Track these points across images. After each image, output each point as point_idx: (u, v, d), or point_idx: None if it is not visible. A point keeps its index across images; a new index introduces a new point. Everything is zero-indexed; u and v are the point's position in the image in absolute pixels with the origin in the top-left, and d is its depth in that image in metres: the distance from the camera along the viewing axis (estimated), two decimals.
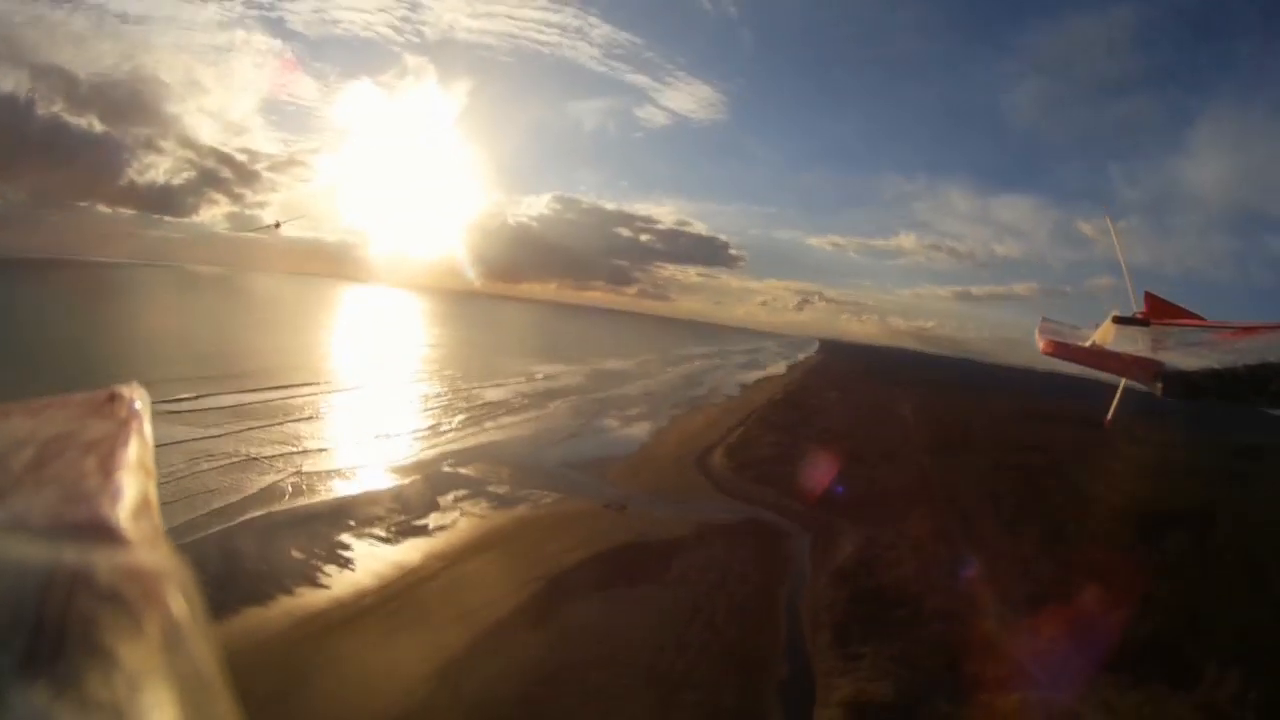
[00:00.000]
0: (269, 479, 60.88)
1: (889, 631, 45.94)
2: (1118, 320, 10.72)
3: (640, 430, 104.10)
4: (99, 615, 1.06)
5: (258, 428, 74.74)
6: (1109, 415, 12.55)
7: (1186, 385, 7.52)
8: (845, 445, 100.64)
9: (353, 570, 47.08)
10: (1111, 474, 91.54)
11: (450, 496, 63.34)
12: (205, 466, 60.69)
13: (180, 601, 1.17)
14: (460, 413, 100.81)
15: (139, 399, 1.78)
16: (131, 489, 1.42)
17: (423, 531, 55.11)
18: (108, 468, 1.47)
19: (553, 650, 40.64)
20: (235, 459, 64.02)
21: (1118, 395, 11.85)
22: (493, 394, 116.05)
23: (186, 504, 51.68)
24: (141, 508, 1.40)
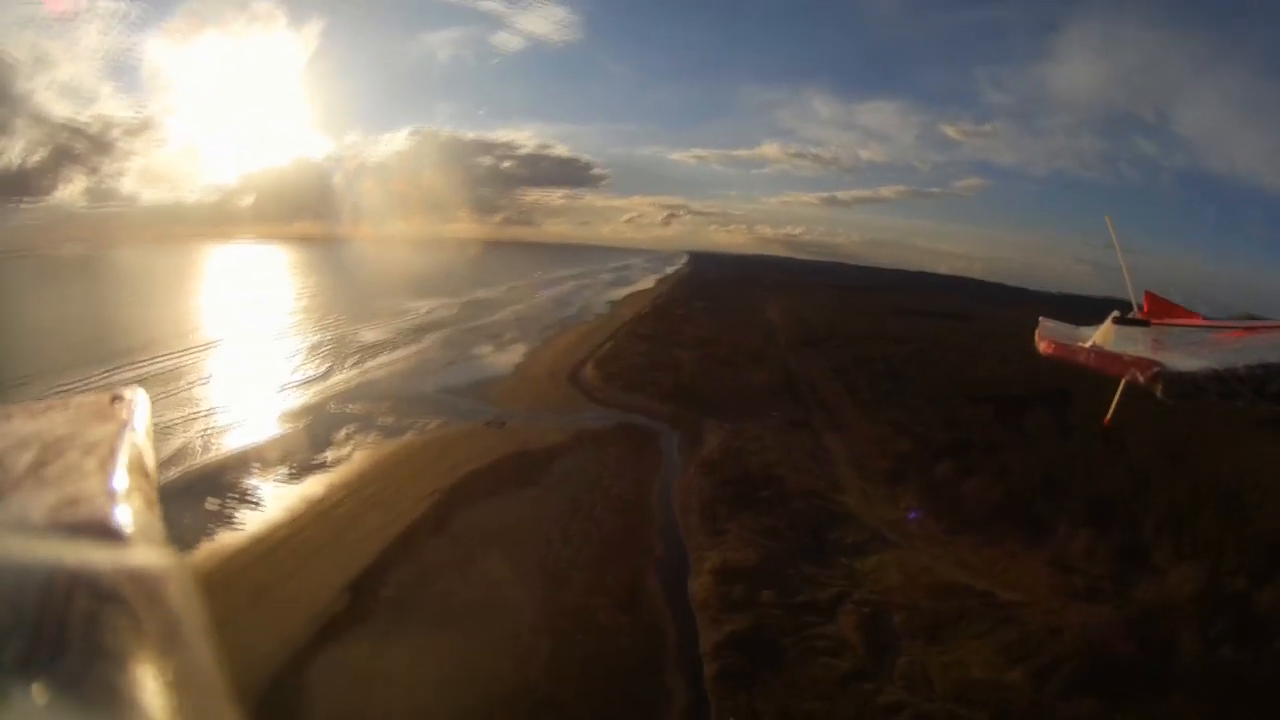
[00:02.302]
0: (175, 442, 62.41)
1: (754, 510, 50.41)
2: (1118, 320, 11.63)
3: (514, 353, 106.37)
4: (99, 615, 1.11)
5: (155, 398, 75.06)
6: (1109, 415, 12.19)
7: (1187, 385, 7.54)
8: (712, 349, 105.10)
9: (264, 510, 49.77)
10: (974, 360, 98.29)
11: (342, 433, 65.59)
12: None
13: (180, 601, 1.28)
14: (341, 355, 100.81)
15: (139, 402, 1.97)
16: (131, 490, 1.54)
17: (322, 467, 57.62)
18: (108, 469, 1.58)
19: (454, 551, 44.53)
20: None
21: (1117, 395, 11.57)
22: (369, 335, 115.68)
23: None
24: (142, 508, 1.50)
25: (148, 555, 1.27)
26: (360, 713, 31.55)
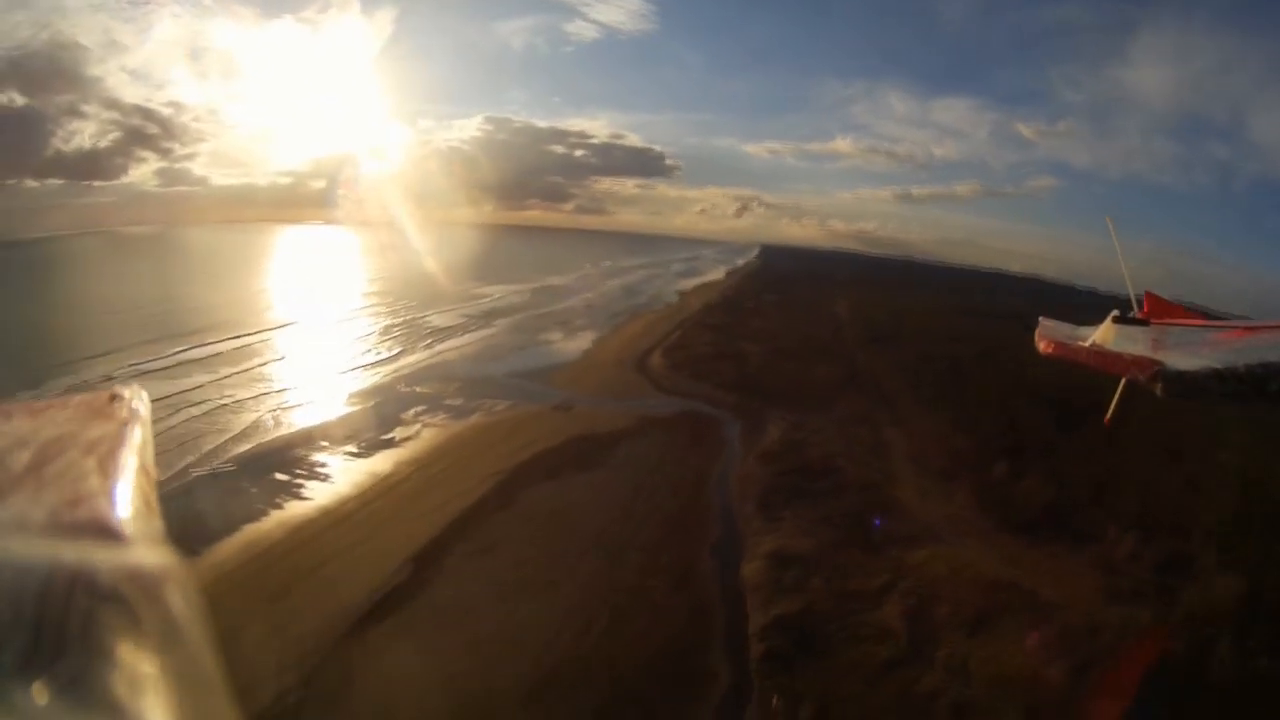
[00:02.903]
0: (248, 418, 65.49)
1: (810, 499, 51.63)
2: (1118, 320, 11.55)
3: (582, 340, 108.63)
4: (99, 615, 1.11)
5: (228, 375, 78.35)
6: (1109, 414, 12.73)
7: (1187, 385, 7.58)
8: (778, 343, 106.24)
9: (333, 483, 52.51)
10: (1037, 364, 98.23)
11: (411, 412, 68.36)
12: (190, 415, 65.40)
13: (180, 601, 1.25)
14: (411, 338, 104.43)
15: (139, 401, 1.95)
16: (132, 489, 1.53)
17: (390, 444, 60.24)
18: (108, 468, 1.58)
19: (516, 527, 46.79)
20: (214, 405, 68.10)
21: (1117, 395, 12.19)
22: (439, 319, 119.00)
23: (180, 451, 56.65)
24: (142, 508, 1.50)
25: (147, 555, 1.32)
26: (418, 675, 33.73)
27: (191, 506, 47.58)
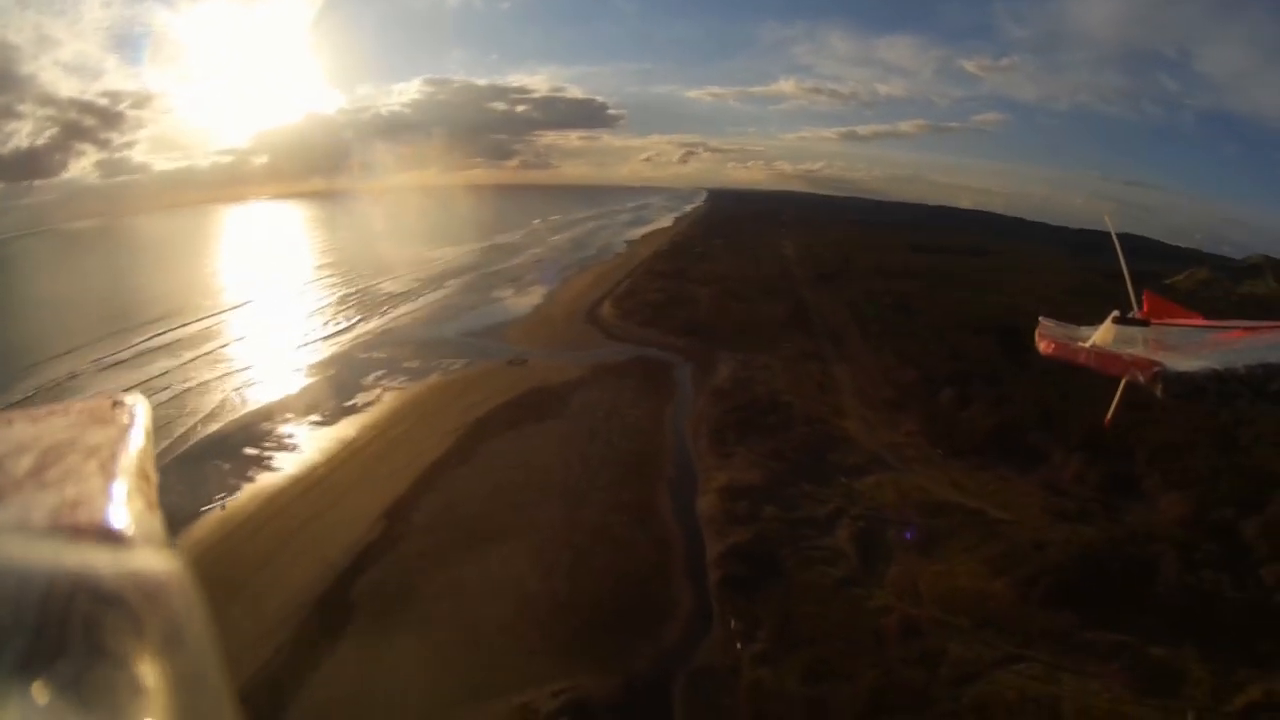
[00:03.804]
0: (214, 399, 65.52)
1: (760, 434, 52.84)
2: (1118, 320, 11.59)
3: (534, 295, 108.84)
4: (101, 618, 1.10)
5: (190, 360, 77.75)
6: (1109, 415, 13.01)
7: (1187, 385, 7.93)
8: (727, 285, 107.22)
9: (302, 453, 53.14)
10: (983, 294, 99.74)
11: (371, 378, 68.74)
12: (158, 400, 65.14)
13: (182, 604, 1.24)
14: (364, 306, 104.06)
15: (140, 407, 1.92)
16: (133, 493, 1.52)
17: (353, 410, 60.77)
18: (109, 472, 1.57)
19: (480, 479, 47.62)
20: (180, 390, 67.98)
21: (1118, 395, 12.21)
22: (391, 285, 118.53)
23: (159, 436, 56.63)
24: (143, 511, 1.48)
25: (149, 558, 1.31)
26: (400, 622, 34.66)
27: (169, 488, 48.03)
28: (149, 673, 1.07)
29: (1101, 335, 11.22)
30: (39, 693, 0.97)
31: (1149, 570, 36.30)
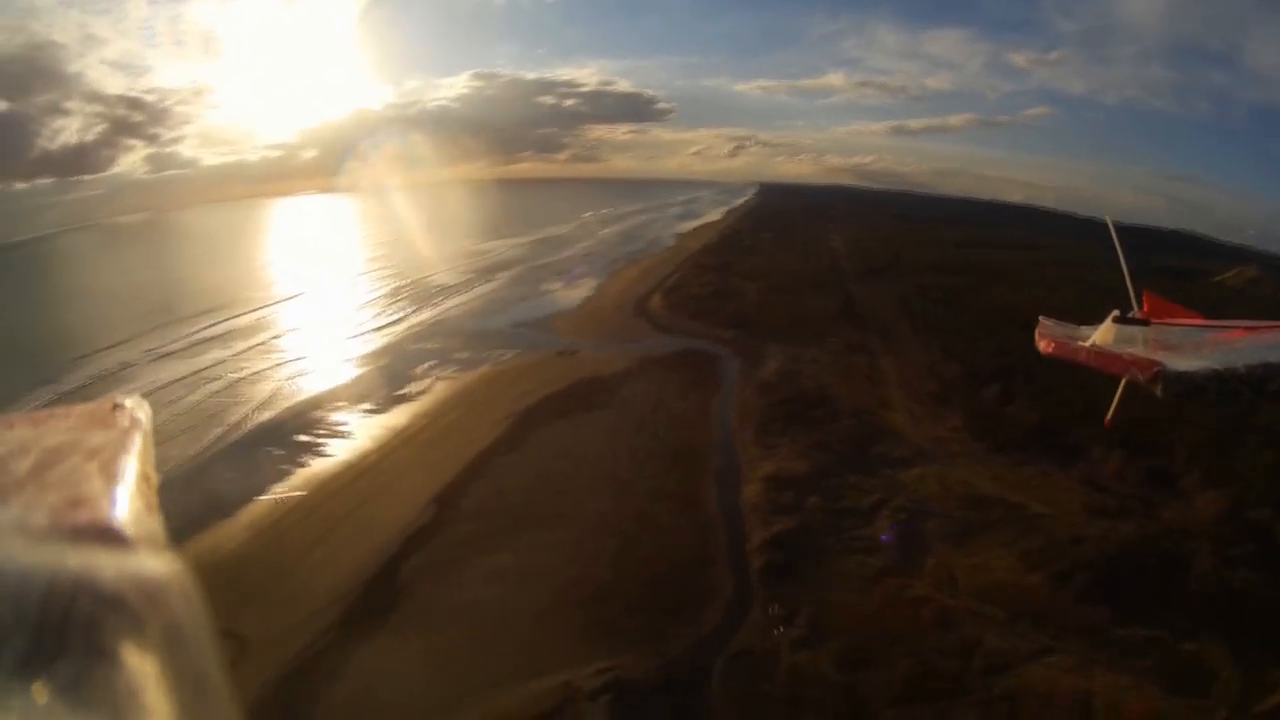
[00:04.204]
0: (267, 388, 67.34)
1: (806, 426, 53.37)
2: (1118, 320, 11.70)
3: (583, 287, 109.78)
4: (101, 619, 1.10)
5: (243, 350, 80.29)
6: (1109, 415, 13.46)
7: (1187, 385, 7.95)
8: (776, 279, 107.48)
9: (353, 440, 54.66)
10: (1029, 290, 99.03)
11: (422, 368, 70.22)
12: (211, 390, 67.32)
13: (182, 604, 1.24)
14: (415, 298, 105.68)
15: (140, 410, 1.93)
16: (134, 494, 1.52)
17: (404, 399, 62.20)
18: (110, 473, 1.57)
19: (528, 466, 48.83)
20: (233, 379, 70.28)
21: (1118, 395, 12.70)
22: (441, 277, 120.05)
23: (207, 424, 58.80)
24: (143, 513, 1.49)
25: (149, 559, 1.30)
26: (447, 604, 35.84)
27: (224, 474, 49.97)
28: (149, 674, 1.10)
29: (1102, 335, 11.52)
30: (39, 693, 0.99)
31: (1184, 567, 36.23)
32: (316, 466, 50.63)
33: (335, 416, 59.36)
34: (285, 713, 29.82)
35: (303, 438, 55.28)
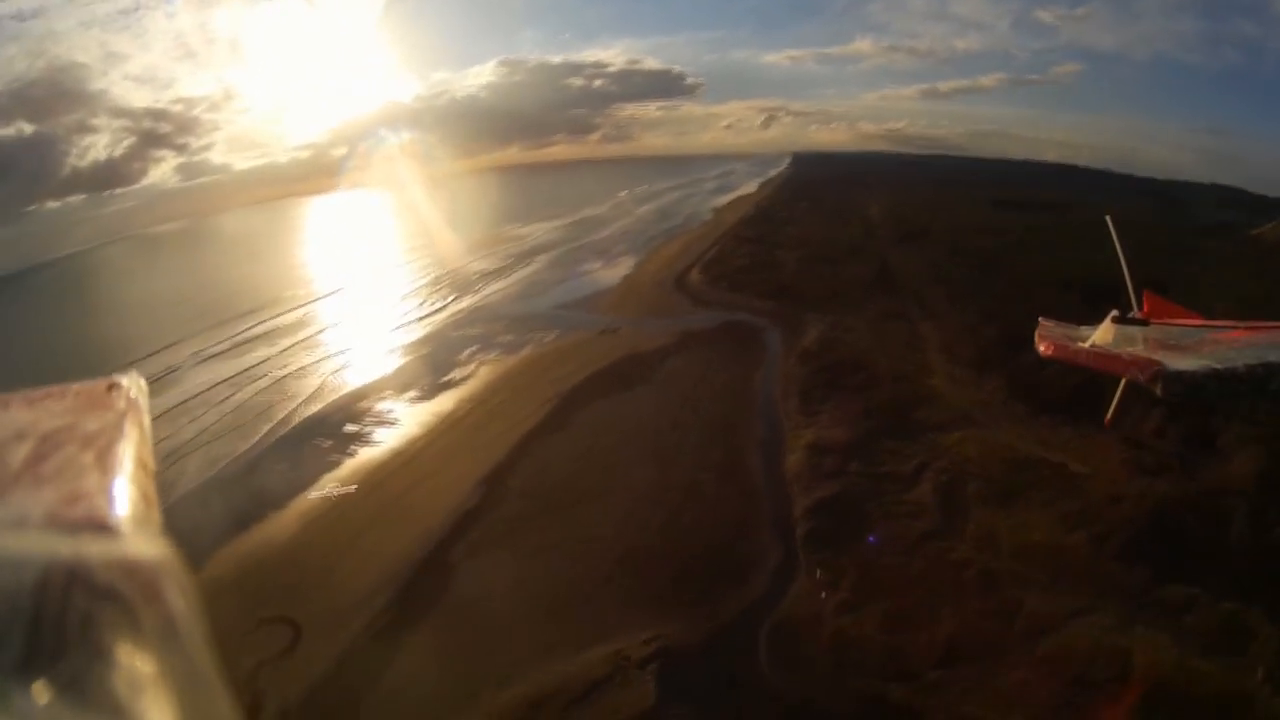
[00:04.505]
0: (314, 382, 69.20)
1: (847, 393, 53.78)
2: (1117, 320, 11.80)
3: (622, 266, 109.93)
4: (96, 612, 1.09)
5: (287, 347, 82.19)
6: (1109, 415, 13.13)
7: (1186, 385, 7.99)
8: (813, 248, 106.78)
9: (400, 427, 56.26)
10: (1067, 250, 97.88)
11: (466, 354, 71.52)
12: (259, 387, 69.19)
13: (178, 598, 1.22)
14: (455, 286, 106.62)
15: (137, 390, 1.92)
16: (130, 484, 1.50)
17: (449, 385, 63.53)
18: (106, 463, 1.55)
19: (573, 444, 50.12)
20: (280, 375, 72.35)
21: (1118, 394, 12.67)
22: (479, 264, 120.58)
23: (256, 420, 61.03)
24: (139, 503, 1.47)
25: (145, 552, 1.28)
26: (498, 581, 37.06)
27: (276, 467, 52.04)
28: (144, 667, 1.09)
29: (1101, 335, 11.66)
30: (36, 690, 0.99)
31: (1222, 526, 36.32)
32: (366, 455, 52.16)
33: (382, 406, 60.70)
34: (345, 693, 31.29)
35: (351, 428, 56.79)
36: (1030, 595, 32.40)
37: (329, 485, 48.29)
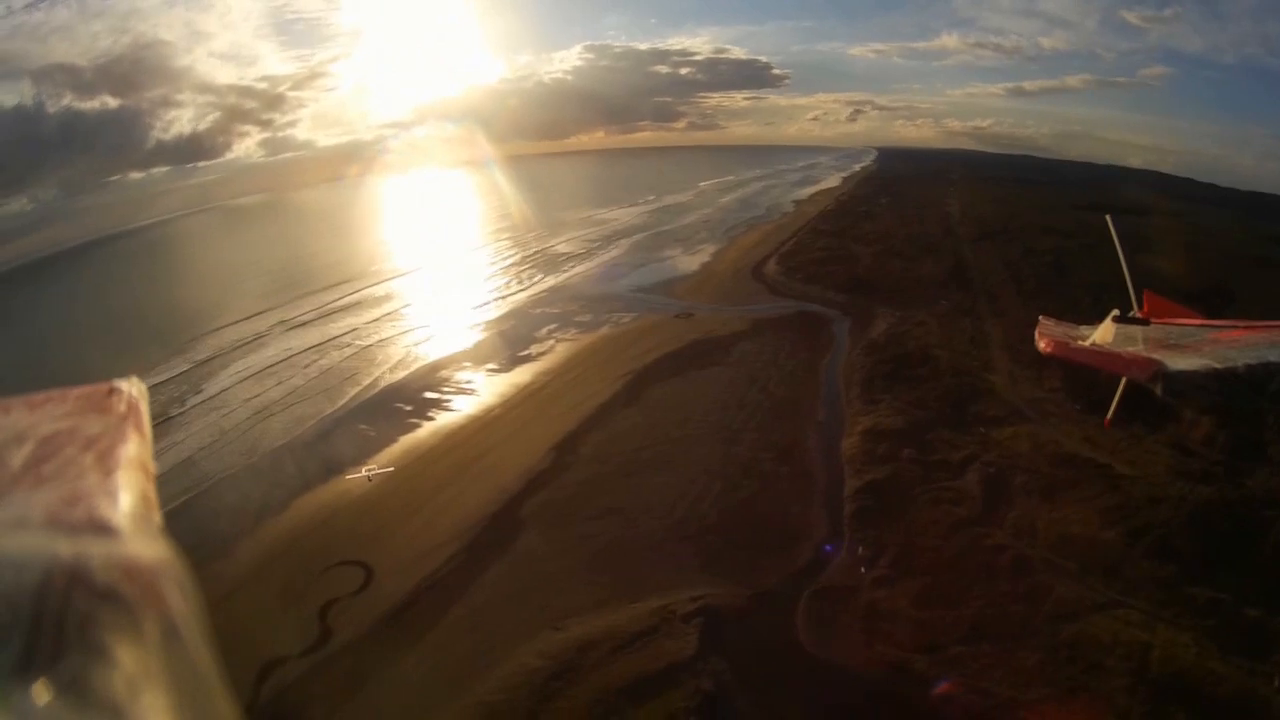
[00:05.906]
0: (398, 351, 72.71)
1: (908, 384, 54.80)
2: (1118, 319, 11.55)
3: (702, 253, 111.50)
4: (97, 613, 1.08)
5: (374, 319, 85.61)
6: (1109, 415, 13.34)
7: (1187, 384, 7.87)
8: (890, 244, 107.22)
9: (478, 395, 59.24)
10: (1140, 256, 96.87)
11: (544, 330, 74.35)
12: (346, 354, 73.28)
13: (178, 599, 1.21)
14: (538, 266, 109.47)
15: (138, 393, 1.86)
16: (130, 486, 1.48)
17: (527, 359, 66.28)
18: (106, 465, 1.52)
19: (643, 418, 52.21)
20: (366, 344, 76.01)
21: (1118, 394, 12.40)
22: (562, 246, 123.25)
23: (343, 384, 64.95)
24: (139, 505, 1.45)
25: (145, 553, 1.26)
26: (561, 538, 39.48)
27: (359, 427, 55.46)
28: (147, 669, 1.09)
29: (1101, 334, 11.40)
30: (36, 690, 0.99)
31: (1257, 534, 36.30)
32: (444, 420, 54.97)
33: (461, 375, 63.68)
34: (406, 630, 34.10)
35: (431, 395, 59.73)
36: (1060, 583, 33.32)
37: (406, 447, 51.18)
